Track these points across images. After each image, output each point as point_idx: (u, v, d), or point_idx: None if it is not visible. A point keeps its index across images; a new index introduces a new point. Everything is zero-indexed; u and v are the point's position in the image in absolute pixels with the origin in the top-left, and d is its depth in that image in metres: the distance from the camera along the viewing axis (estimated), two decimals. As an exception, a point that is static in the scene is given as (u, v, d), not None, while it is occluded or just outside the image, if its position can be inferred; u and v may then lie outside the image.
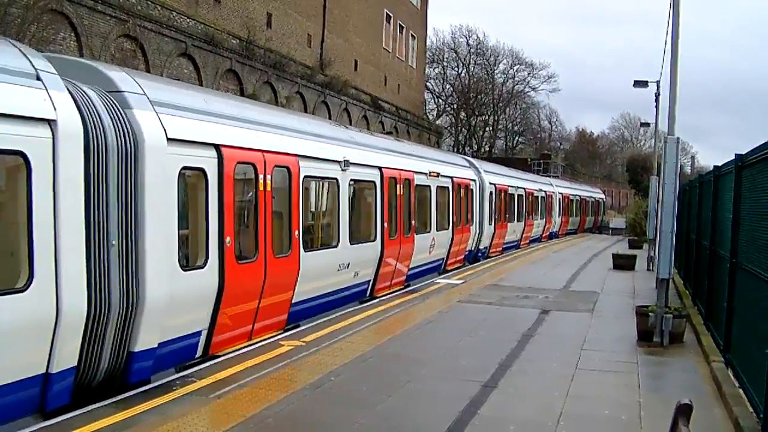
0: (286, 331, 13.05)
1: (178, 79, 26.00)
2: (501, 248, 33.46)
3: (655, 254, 17.06)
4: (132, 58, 26.85)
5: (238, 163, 11.33)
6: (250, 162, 11.78)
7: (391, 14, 58.83)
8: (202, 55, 31.61)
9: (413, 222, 19.95)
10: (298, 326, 13.43)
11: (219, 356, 10.94)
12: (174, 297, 9.77)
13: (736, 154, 10.86)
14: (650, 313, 13.22)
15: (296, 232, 13.18)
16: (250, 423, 8.05)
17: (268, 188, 12.14)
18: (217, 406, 8.60)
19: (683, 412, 4.92)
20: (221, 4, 34.78)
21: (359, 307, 15.99)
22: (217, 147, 10.83)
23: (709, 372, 11.05)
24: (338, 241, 15.38)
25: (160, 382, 9.48)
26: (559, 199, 50.07)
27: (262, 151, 12.07)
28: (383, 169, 17.72)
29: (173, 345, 10.17)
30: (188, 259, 10.75)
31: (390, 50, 59.22)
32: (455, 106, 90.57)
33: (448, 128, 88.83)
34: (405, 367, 10.84)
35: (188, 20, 30.58)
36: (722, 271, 12.02)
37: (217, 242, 10.73)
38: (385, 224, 17.65)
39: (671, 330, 13.03)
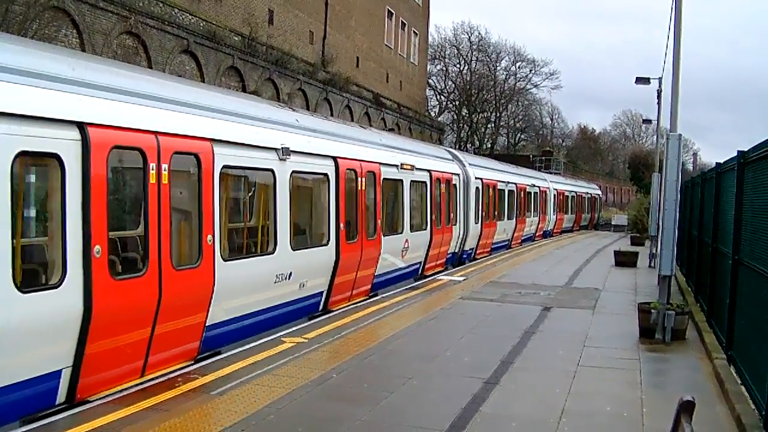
0: (198, 361, 10.45)
1: (180, 76, 26.01)
2: (489, 249, 30.80)
3: (657, 251, 17.06)
4: (134, 55, 26.85)
5: (115, 147, 8.79)
6: (135, 147, 9.14)
7: (392, 11, 58.79)
8: (204, 52, 31.60)
9: (379, 222, 17.24)
10: (219, 353, 10.97)
11: (91, 401, 8.57)
12: (6, 328, 7.41)
13: (738, 151, 10.85)
14: (652, 310, 13.22)
15: (209, 238, 10.36)
16: (252, 420, 8.06)
17: (165, 181, 9.43)
18: (220, 402, 8.61)
19: (686, 409, 4.92)
20: (223, 0, 34.77)
21: (361, 304, 15.96)
22: (81, 126, 8.29)
23: (711, 369, 11.05)
24: (275, 246, 12.54)
25: (162, 379, 9.48)
26: (554, 194, 47.63)
27: (155, 132, 9.40)
28: (339, 160, 14.98)
29: (13, 393, 7.69)
30: (33, 277, 8.51)
31: (392, 47, 59.20)
32: (457, 103, 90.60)
33: (450, 125, 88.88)
34: (407, 363, 10.84)
35: (190, 17, 30.57)
36: (724, 268, 12.02)
37: (81, 253, 8.22)
38: (342, 225, 14.96)
39: (673, 327, 13.03)
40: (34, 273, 8.66)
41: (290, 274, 13.06)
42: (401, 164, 19.01)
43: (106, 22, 25.39)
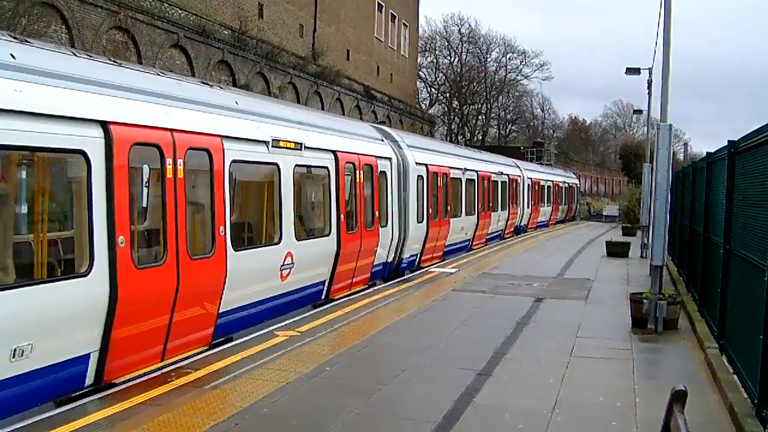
0: None
1: (171, 71, 25.93)
2: (441, 253, 24.48)
3: (648, 241, 17.10)
4: (124, 50, 26.75)
5: None
6: None
7: (382, 3, 58.69)
8: (194, 47, 31.49)
9: (221, 230, 11.08)
10: None
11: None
12: None
13: (729, 141, 10.87)
14: (644, 300, 13.25)
15: None
16: (245, 413, 8.06)
17: None
18: (213, 396, 8.61)
19: (678, 398, 4.93)
20: (212, -6, 34.69)
21: (355, 297, 15.95)
22: None
23: (703, 358, 11.09)
24: None
25: (155, 374, 9.46)
26: (528, 184, 41.85)
27: None
28: (114, 128, 8.92)
29: None
30: None
31: (382, 39, 59.12)
32: (448, 95, 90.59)
33: (441, 117, 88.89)
34: (400, 356, 10.85)
35: (180, 11, 30.46)
36: (716, 258, 12.06)
37: None
38: (120, 241, 8.86)
39: (665, 317, 13.07)
40: None
41: None
42: (274, 140, 12.93)
43: (95, 17, 25.29)
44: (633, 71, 32.00)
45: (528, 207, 42.14)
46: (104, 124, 8.84)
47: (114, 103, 9.14)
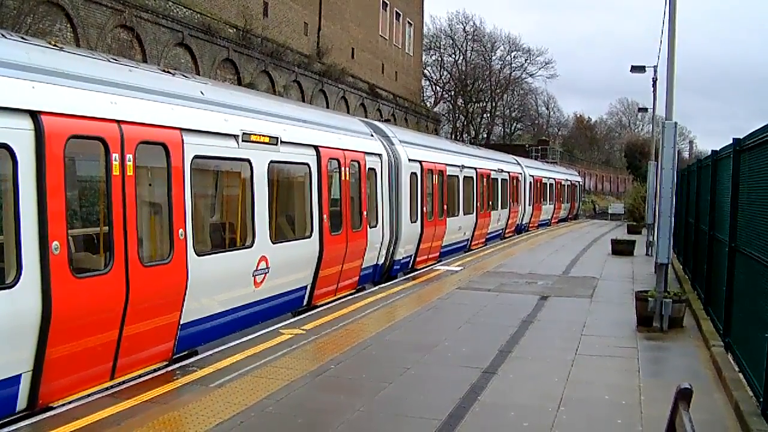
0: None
1: (176, 69, 25.96)
2: (437, 254, 23.37)
3: (654, 239, 17.08)
4: (129, 49, 26.79)
5: None
6: None
7: (387, 1, 58.72)
8: (199, 45, 31.55)
9: (180, 233, 9.93)
10: None
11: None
12: None
13: (734, 138, 10.85)
14: (650, 298, 13.24)
15: None
16: (250, 411, 8.07)
17: None
18: (218, 394, 8.61)
19: (683, 396, 4.92)
20: (217, -8, 34.74)
21: (360, 294, 15.96)
22: None
23: (709, 356, 11.08)
24: None
25: (161, 372, 9.48)
26: (530, 182, 40.75)
27: None
28: (48, 119, 7.90)
29: None
30: None
31: (387, 38, 59.16)
32: (453, 93, 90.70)
33: (446, 115, 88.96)
34: (405, 354, 10.85)
35: (185, 10, 30.52)
36: (721, 256, 12.04)
37: None
38: (56, 246, 7.84)
39: (671, 315, 13.05)
40: None
41: None
42: (245, 134, 11.81)
43: (100, 15, 25.36)
44: (638, 69, 32.01)
45: (529, 205, 40.90)
46: (34, 115, 7.74)
47: (47, 91, 8.00)
